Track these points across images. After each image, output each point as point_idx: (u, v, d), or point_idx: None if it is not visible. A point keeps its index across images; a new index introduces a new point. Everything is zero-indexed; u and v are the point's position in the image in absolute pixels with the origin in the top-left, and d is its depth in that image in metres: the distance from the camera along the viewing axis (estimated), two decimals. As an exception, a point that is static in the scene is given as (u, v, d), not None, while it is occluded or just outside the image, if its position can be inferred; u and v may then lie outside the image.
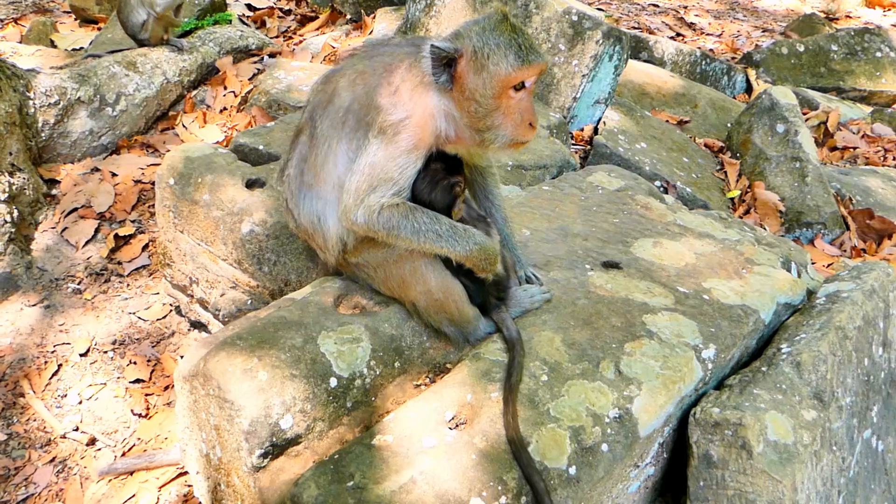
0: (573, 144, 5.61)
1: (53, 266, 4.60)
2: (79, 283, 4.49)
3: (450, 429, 2.40)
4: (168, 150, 5.46)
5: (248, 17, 8.16)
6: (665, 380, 2.59)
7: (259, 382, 2.45)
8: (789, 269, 3.44)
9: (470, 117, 2.50)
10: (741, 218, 5.18)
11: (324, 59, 6.90)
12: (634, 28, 10.27)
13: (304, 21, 8.26)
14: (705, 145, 6.17)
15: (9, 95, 4.82)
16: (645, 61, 7.50)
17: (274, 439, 2.43)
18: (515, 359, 2.54)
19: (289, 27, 8.21)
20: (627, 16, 11.28)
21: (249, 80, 6.21)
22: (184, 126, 5.81)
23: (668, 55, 7.76)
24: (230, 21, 7.05)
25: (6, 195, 4.54)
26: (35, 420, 3.74)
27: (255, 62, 6.54)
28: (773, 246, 3.53)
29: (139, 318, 4.28)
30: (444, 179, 2.63)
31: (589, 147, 5.53)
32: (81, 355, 4.05)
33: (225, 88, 6.10)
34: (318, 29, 8.02)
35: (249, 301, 3.57)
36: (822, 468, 2.66)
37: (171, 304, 4.27)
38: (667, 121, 6.39)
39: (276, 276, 3.43)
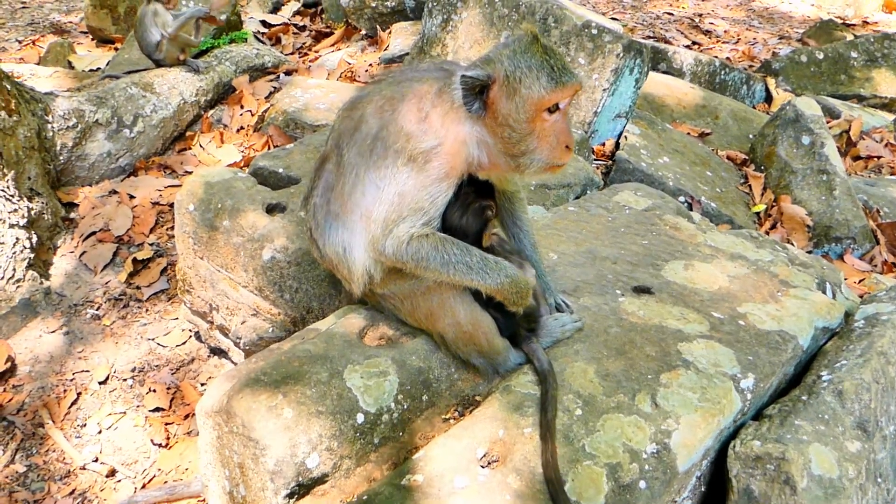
0: (594, 160, 5.53)
1: (72, 291, 4.56)
2: (97, 309, 4.45)
3: (482, 467, 2.32)
4: (185, 172, 5.46)
5: (263, 34, 8.15)
6: (704, 412, 2.50)
7: (285, 420, 2.39)
8: (825, 291, 3.34)
9: (504, 143, 2.43)
10: (768, 233, 5.08)
11: (340, 76, 6.87)
12: (650, 38, 10.20)
13: (318, 37, 8.24)
14: (728, 158, 6.06)
15: (27, 120, 4.81)
16: (663, 72, 7.41)
17: (300, 479, 2.36)
18: (549, 392, 2.45)
19: (304, 43, 8.20)
20: (642, 25, 11.21)
21: (266, 98, 6.19)
22: (201, 146, 5.78)
23: (686, 65, 7.67)
24: (246, 39, 7.04)
25: (25, 220, 4.51)
26: (55, 451, 3.69)
27: (271, 80, 6.52)
28: (808, 266, 3.43)
29: (158, 344, 4.23)
30: (475, 203, 2.57)
31: (611, 162, 5.44)
32: (101, 383, 4.00)
33: (242, 107, 6.08)
34: (333, 45, 8.00)
35: (271, 329, 3.50)
36: (868, 502, 2.56)
37: (190, 331, 4.21)
38: (688, 133, 6.30)
39: (297, 303, 3.37)
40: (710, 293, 3.10)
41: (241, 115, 6.01)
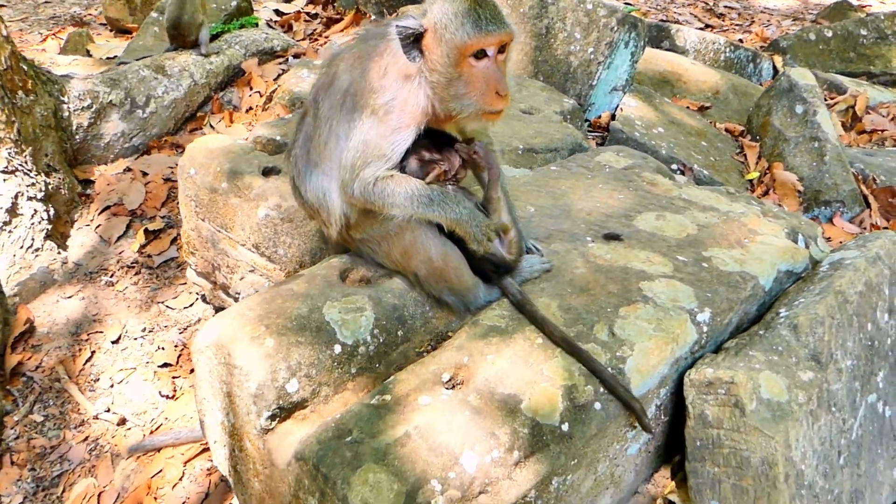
0: (590, 131, 5.67)
1: (88, 261, 4.82)
2: (111, 276, 4.70)
3: (446, 388, 2.50)
4: (195, 148, 5.70)
5: (275, 21, 8.39)
6: (658, 341, 2.65)
7: (266, 348, 2.59)
8: (795, 240, 3.46)
9: (434, 88, 2.57)
10: (759, 198, 5.18)
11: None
12: (663, 21, 10.26)
13: (329, 24, 8.46)
14: (726, 130, 6.16)
15: (44, 100, 5.07)
16: (667, 50, 7.51)
17: (281, 402, 2.56)
18: (534, 315, 2.70)
19: (315, 30, 8.42)
20: (656, 9, 11.29)
21: (274, 80, 6.40)
22: (211, 126, 6.02)
23: (690, 43, 7.76)
24: (257, 25, 7.27)
25: (42, 194, 4.78)
26: (70, 403, 3.94)
27: (279, 63, 6.74)
28: (780, 218, 3.55)
29: (167, 307, 4.47)
30: (425, 164, 2.72)
31: (606, 133, 5.58)
32: (113, 342, 4.25)
33: (251, 89, 6.30)
34: (342, 30, 8.20)
35: (267, 284, 3.71)
36: (820, 428, 2.69)
37: (197, 293, 4.44)
38: (687, 107, 6.40)
39: (291, 258, 3.57)
40: (677, 240, 3.24)
41: (250, 96, 6.24)
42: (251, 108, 6.18)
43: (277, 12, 8.63)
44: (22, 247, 4.60)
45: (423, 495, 2.19)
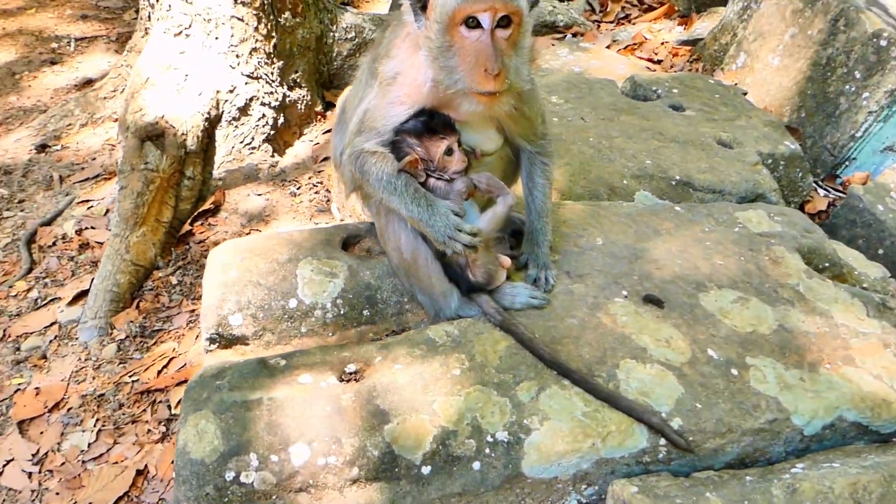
0: (831, 188, 4.68)
1: (292, 170, 5.38)
2: (298, 188, 5.20)
3: (340, 379, 2.38)
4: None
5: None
6: (577, 428, 2.20)
7: (226, 278, 2.71)
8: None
9: (429, 59, 2.37)
10: None
11: (624, 48, 6.70)
12: None
13: (647, 11, 8.03)
14: None
15: (311, 24, 5.68)
16: None
17: (220, 330, 2.68)
18: (525, 341, 2.45)
19: (628, 14, 8.07)
20: None
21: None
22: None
23: None
24: (554, -4, 7.20)
25: (277, 103, 5.41)
26: (200, 277, 4.50)
27: (555, 38, 6.63)
28: (920, 358, 2.62)
29: (316, 224, 4.82)
30: (402, 150, 2.52)
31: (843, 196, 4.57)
32: (253, 245, 4.74)
33: (509, 56, 6.32)
34: (653, 20, 7.75)
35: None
36: None
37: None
38: None
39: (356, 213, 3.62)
40: (731, 333, 2.58)
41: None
42: (500, 74, 6.22)
43: (599, -10, 8.42)
44: (242, 142, 5.30)
45: (238, 463, 2.16)
